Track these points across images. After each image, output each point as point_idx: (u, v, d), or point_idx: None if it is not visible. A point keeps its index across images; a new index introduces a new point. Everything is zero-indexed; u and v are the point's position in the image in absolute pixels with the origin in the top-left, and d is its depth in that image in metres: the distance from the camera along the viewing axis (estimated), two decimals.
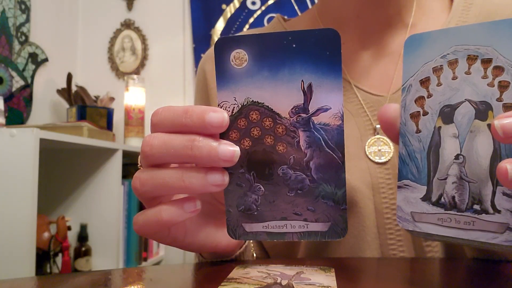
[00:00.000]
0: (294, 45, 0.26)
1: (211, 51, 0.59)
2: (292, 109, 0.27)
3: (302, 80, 0.26)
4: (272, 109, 0.27)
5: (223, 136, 0.27)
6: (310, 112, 0.26)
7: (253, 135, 0.27)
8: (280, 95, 0.27)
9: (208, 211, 0.34)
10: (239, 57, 0.27)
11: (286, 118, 0.27)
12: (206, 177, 0.27)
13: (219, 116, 0.26)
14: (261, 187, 0.28)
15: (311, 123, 0.27)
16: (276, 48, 0.26)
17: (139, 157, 0.30)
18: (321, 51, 0.26)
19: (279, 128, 0.27)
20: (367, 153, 0.45)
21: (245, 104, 0.27)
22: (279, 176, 0.27)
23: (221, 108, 0.27)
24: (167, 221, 0.28)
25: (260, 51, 0.26)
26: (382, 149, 0.45)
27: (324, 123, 0.26)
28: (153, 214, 0.28)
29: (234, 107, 0.27)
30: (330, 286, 0.27)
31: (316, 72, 0.26)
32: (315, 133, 0.27)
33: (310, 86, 0.26)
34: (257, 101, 0.27)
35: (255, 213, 0.28)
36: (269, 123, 0.27)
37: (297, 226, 0.27)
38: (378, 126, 0.46)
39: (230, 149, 0.26)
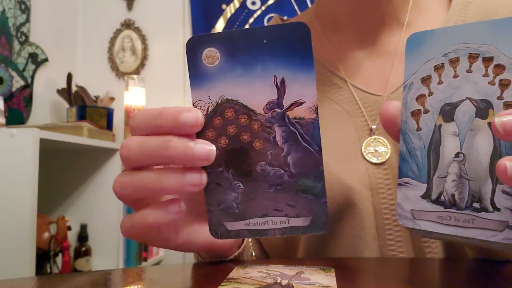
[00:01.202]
0: (265, 41, 0.26)
1: None
2: (266, 104, 0.27)
3: (275, 75, 0.26)
4: (246, 106, 0.27)
5: (200, 135, 0.27)
6: (284, 107, 0.26)
7: (230, 133, 0.27)
8: (254, 92, 0.26)
9: (200, 211, 0.34)
10: (211, 56, 0.26)
11: (261, 114, 0.27)
12: (183, 177, 0.27)
13: (194, 115, 0.26)
14: (240, 184, 0.27)
15: (286, 118, 0.26)
16: (247, 45, 0.26)
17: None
18: (292, 45, 0.26)
19: (254, 124, 0.27)
20: (364, 154, 0.45)
21: (219, 102, 0.27)
22: (258, 173, 0.27)
23: (196, 107, 0.27)
24: (152, 224, 0.28)
25: (231, 48, 0.26)
26: (379, 149, 0.45)
27: (299, 117, 0.26)
28: (138, 218, 0.29)
29: (209, 106, 0.27)
30: (330, 286, 0.27)
31: (289, 67, 0.26)
32: (291, 127, 0.27)
33: (283, 81, 0.26)
34: (232, 99, 0.27)
35: (236, 211, 0.28)
36: (245, 120, 0.27)
37: (278, 222, 0.27)
38: (374, 126, 0.46)
39: (206, 148, 0.26)
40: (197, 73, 0.27)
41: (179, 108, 0.26)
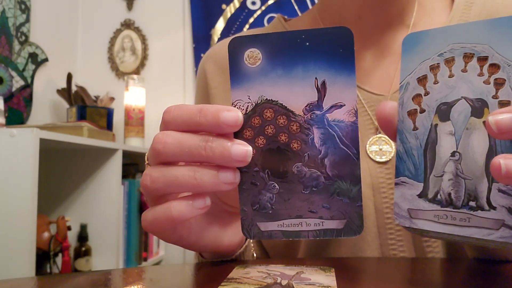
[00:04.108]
0: (307, 43, 0.26)
1: (211, 50, 0.59)
2: (306, 106, 0.27)
3: (316, 78, 0.26)
4: (286, 107, 0.27)
5: (237, 134, 0.27)
6: (324, 109, 0.26)
7: (268, 133, 0.27)
8: (294, 93, 0.27)
9: (211, 211, 0.34)
10: (253, 56, 0.27)
11: (300, 115, 0.27)
12: (218, 175, 0.27)
13: (234, 115, 0.26)
14: (276, 185, 0.27)
15: (325, 120, 0.27)
16: (289, 47, 0.26)
17: (146, 154, 0.30)
18: (334, 49, 0.26)
19: (293, 125, 0.27)
20: (368, 152, 0.45)
21: (259, 102, 0.27)
22: (294, 174, 0.27)
23: (235, 106, 0.27)
24: (176, 218, 0.28)
25: (273, 49, 0.27)
26: (384, 148, 0.45)
27: (339, 120, 0.26)
28: (163, 211, 0.28)
29: (248, 106, 0.27)
30: (330, 286, 0.27)
31: (330, 70, 0.26)
32: (330, 130, 0.27)
33: (324, 83, 0.26)
34: (271, 99, 0.27)
35: (270, 212, 0.28)
36: (283, 120, 0.27)
37: (312, 224, 0.27)
38: None
39: (243, 149, 0.26)
40: (238, 73, 0.27)
41: (219, 106, 0.26)
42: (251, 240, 0.42)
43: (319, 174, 0.27)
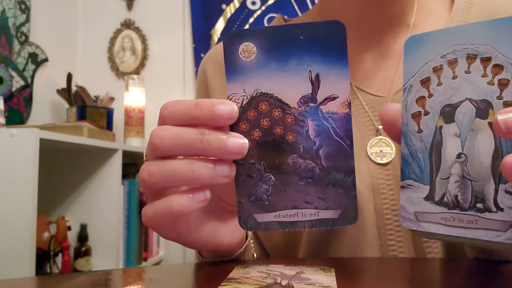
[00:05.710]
0: (301, 37, 0.26)
1: (211, 51, 0.59)
2: (300, 99, 0.27)
3: (310, 71, 0.27)
4: (281, 100, 0.27)
5: (233, 127, 0.28)
6: (318, 101, 0.27)
7: (263, 125, 0.28)
8: (289, 86, 0.27)
9: (211, 208, 0.34)
10: (247, 50, 0.27)
11: (295, 108, 0.27)
12: (214, 169, 0.27)
13: (229, 108, 0.27)
14: (272, 176, 0.28)
15: (319, 112, 0.27)
16: (284, 40, 0.27)
17: (145, 150, 0.30)
18: (328, 42, 0.26)
19: (288, 118, 0.27)
20: (369, 153, 0.45)
21: (254, 95, 0.27)
22: (289, 165, 0.28)
23: (230, 100, 0.28)
24: (177, 211, 0.28)
25: (268, 43, 0.27)
26: (384, 150, 0.45)
27: (332, 112, 0.27)
28: (163, 205, 0.28)
29: (243, 99, 0.28)
30: (330, 286, 0.27)
31: (324, 62, 0.26)
32: (324, 121, 0.27)
33: (317, 76, 0.27)
34: (266, 92, 0.27)
35: (266, 203, 0.28)
36: (278, 113, 0.27)
37: (308, 214, 0.28)
38: (380, 127, 0.46)
39: (239, 142, 0.26)
40: (233, 67, 0.27)
41: (215, 100, 0.27)
42: (251, 240, 0.42)
43: (314, 165, 0.27)
